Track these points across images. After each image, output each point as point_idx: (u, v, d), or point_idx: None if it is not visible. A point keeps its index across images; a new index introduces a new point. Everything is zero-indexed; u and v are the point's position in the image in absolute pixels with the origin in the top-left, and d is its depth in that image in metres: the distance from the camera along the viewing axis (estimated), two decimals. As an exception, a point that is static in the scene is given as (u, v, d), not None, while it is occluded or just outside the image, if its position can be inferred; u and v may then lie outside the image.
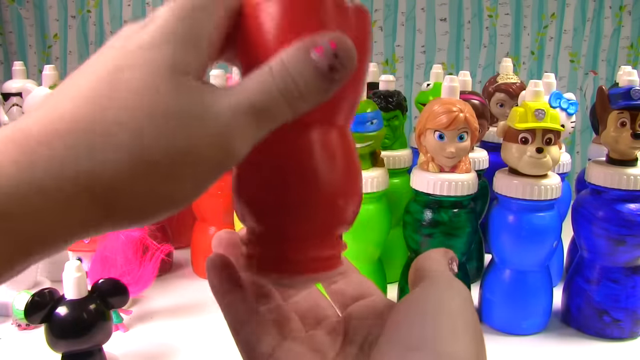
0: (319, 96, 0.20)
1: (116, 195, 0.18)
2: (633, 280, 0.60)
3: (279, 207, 0.23)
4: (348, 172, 0.23)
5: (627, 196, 0.59)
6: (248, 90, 0.20)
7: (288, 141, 0.22)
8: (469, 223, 0.59)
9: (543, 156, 0.56)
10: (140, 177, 0.18)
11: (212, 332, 0.61)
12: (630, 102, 0.58)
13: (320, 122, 0.23)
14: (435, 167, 0.58)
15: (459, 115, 0.56)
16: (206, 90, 0.20)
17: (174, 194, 0.19)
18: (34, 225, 0.18)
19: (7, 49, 1.15)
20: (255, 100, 0.20)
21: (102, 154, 0.18)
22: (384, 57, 1.16)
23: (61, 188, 0.18)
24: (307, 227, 0.23)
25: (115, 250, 0.59)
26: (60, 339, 0.46)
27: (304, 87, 0.20)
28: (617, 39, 1.16)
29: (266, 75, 0.20)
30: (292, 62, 0.20)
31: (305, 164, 0.22)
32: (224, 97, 0.20)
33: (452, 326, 0.21)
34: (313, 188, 0.22)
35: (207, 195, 0.81)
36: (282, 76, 0.20)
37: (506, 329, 0.61)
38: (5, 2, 1.12)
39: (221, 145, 0.19)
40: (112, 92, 0.19)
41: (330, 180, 0.23)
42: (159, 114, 0.18)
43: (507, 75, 0.77)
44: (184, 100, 0.19)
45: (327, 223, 0.23)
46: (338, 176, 0.23)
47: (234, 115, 0.19)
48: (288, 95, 0.20)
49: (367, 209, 0.61)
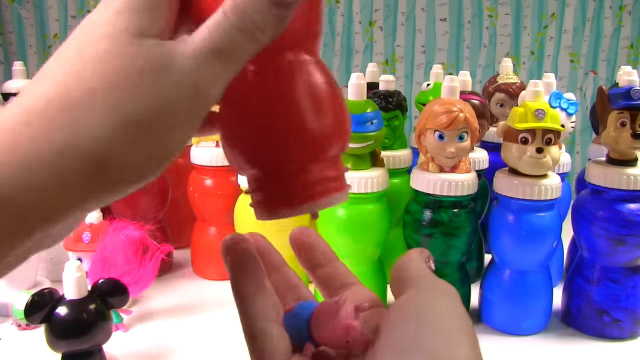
0: (275, 25, 0.21)
1: (106, 160, 0.19)
2: (633, 280, 0.60)
3: (268, 142, 0.23)
4: (329, 93, 0.24)
5: (627, 196, 0.59)
6: (205, 35, 0.21)
7: (262, 75, 0.23)
8: (469, 223, 0.59)
9: (543, 156, 0.56)
10: (126, 138, 0.19)
11: (212, 332, 0.61)
12: (630, 102, 0.58)
13: (287, 50, 0.23)
14: (435, 167, 0.58)
15: (459, 115, 0.56)
16: (166, 45, 0.20)
17: (163, 146, 0.20)
18: (29, 202, 0.18)
19: (7, 49, 1.15)
20: (215, 43, 0.20)
21: (82, 125, 0.19)
22: (384, 57, 1.16)
23: (48, 163, 0.18)
24: (301, 154, 0.23)
25: (115, 250, 0.59)
26: (60, 339, 0.46)
27: (260, 19, 0.21)
28: (617, 39, 1.16)
29: (220, 17, 0.21)
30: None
31: (284, 92, 0.23)
32: (185, 46, 0.20)
33: (447, 327, 0.21)
34: (297, 113, 0.23)
35: (207, 195, 0.81)
36: (235, 14, 0.20)
37: (506, 329, 0.61)
38: (5, 2, 1.12)
39: (193, 92, 0.20)
40: (81, 68, 0.19)
41: (314, 102, 0.23)
42: (126, 76, 0.19)
43: (507, 75, 0.77)
44: (147, 58, 0.20)
45: (319, 144, 0.24)
46: (320, 96, 0.23)
47: (197, 61, 0.20)
48: (246, 30, 0.21)
49: (367, 209, 0.61)
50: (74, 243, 0.62)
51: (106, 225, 0.62)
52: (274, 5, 0.21)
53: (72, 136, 0.19)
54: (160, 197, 0.74)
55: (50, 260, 0.70)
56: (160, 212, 0.75)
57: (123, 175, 0.20)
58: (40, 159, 0.18)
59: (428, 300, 0.23)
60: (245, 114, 0.23)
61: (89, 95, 0.19)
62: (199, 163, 0.70)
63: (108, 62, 0.19)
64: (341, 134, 0.25)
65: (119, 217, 0.67)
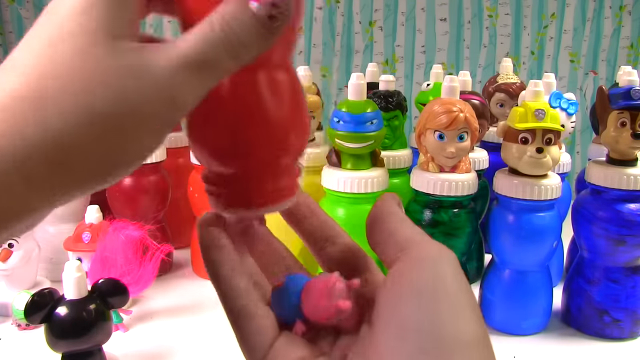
0: (260, 45, 0.21)
1: (70, 157, 0.19)
2: (633, 280, 0.60)
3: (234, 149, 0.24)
4: (294, 105, 0.25)
5: (627, 196, 0.59)
6: (190, 44, 0.20)
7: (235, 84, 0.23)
8: (469, 223, 0.59)
9: (543, 156, 0.56)
10: (92, 138, 0.19)
11: (211, 332, 0.61)
12: (630, 102, 0.58)
13: (264, 65, 0.24)
14: (435, 167, 0.58)
15: (459, 115, 0.56)
16: (145, 49, 0.20)
17: (128, 150, 0.20)
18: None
19: (7, 49, 1.15)
20: (198, 53, 0.20)
21: (51, 122, 0.19)
22: (384, 57, 1.16)
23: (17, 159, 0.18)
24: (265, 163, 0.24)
25: (115, 250, 0.59)
26: (60, 339, 0.46)
27: (246, 38, 0.21)
28: (617, 39, 1.16)
29: (207, 28, 0.20)
30: (231, 13, 0.20)
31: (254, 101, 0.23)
32: (165, 53, 0.20)
33: (451, 303, 0.20)
34: (266, 125, 0.24)
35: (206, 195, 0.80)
36: (222, 28, 0.20)
37: (506, 329, 0.61)
38: (5, 2, 1.12)
39: (167, 100, 0.20)
40: (51, 64, 0.19)
41: (282, 115, 0.24)
42: (100, 76, 0.19)
43: (507, 75, 0.77)
44: (123, 60, 0.20)
45: (283, 154, 0.25)
46: (288, 110, 0.24)
47: (176, 69, 0.20)
48: (230, 46, 0.20)
49: (367, 209, 0.60)
50: (74, 243, 0.62)
51: (106, 225, 0.62)
52: (261, 27, 0.21)
53: (42, 132, 0.19)
54: (160, 197, 0.74)
55: (50, 260, 0.70)
56: (160, 212, 0.75)
57: (89, 173, 0.20)
58: (8, 154, 0.18)
59: (436, 274, 0.21)
60: (214, 119, 0.24)
61: (60, 92, 0.19)
62: (199, 163, 0.70)
63: (83, 60, 0.19)
64: (301, 143, 0.26)
65: (119, 217, 0.67)
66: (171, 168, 0.76)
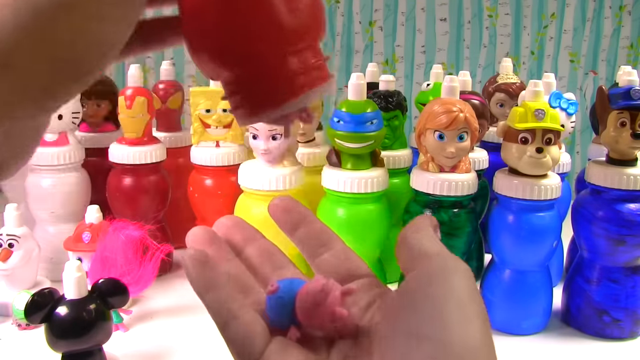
0: None
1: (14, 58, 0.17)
2: (633, 280, 0.60)
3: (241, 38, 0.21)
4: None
5: (627, 196, 0.59)
6: None
7: None
8: (469, 223, 0.59)
9: (543, 156, 0.56)
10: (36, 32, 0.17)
11: (211, 332, 0.60)
12: (630, 102, 0.58)
13: None
14: (435, 167, 0.58)
15: (459, 115, 0.56)
16: None
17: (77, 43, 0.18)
18: None
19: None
20: None
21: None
22: (384, 57, 1.16)
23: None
24: (277, 44, 0.21)
25: (115, 250, 0.59)
26: (60, 339, 0.46)
27: None
28: (617, 39, 1.16)
29: None
30: None
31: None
32: None
33: (461, 313, 0.21)
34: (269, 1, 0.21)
35: (207, 195, 0.81)
36: None
37: (506, 329, 0.61)
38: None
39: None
40: None
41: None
42: None
43: (507, 75, 0.77)
44: None
45: (295, 31, 0.21)
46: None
47: None
48: None
49: (367, 209, 0.61)
50: (74, 243, 0.62)
51: (106, 225, 0.62)
52: None
53: None
54: (160, 197, 0.74)
55: (50, 260, 0.70)
56: (160, 212, 0.75)
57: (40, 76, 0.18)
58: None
59: (448, 283, 0.21)
60: (211, 9, 0.21)
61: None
62: (199, 163, 0.70)
63: None
64: (317, 19, 0.22)
65: (119, 217, 0.67)
66: (171, 168, 0.76)
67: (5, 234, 0.62)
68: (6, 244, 0.62)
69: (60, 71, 0.18)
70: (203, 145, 0.70)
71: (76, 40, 0.18)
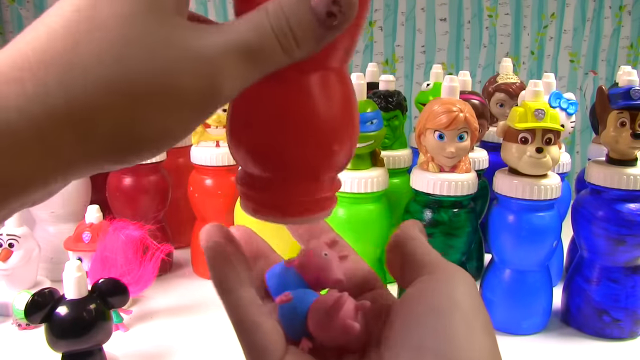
0: (313, 43, 0.20)
1: (94, 128, 0.18)
2: (633, 280, 0.60)
3: (274, 153, 0.22)
4: (345, 116, 0.23)
5: (627, 196, 0.59)
6: (241, 29, 0.19)
7: (284, 84, 0.22)
8: (469, 223, 0.59)
9: (543, 156, 0.56)
10: (121, 110, 0.18)
11: (212, 332, 0.61)
12: (630, 102, 0.58)
13: (317, 66, 0.22)
14: (435, 167, 0.58)
15: (459, 115, 0.56)
16: (192, 26, 0.19)
17: (154, 125, 0.19)
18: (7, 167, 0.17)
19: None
20: (248, 39, 0.19)
21: (78, 87, 0.17)
22: (384, 57, 1.16)
23: (35, 124, 0.17)
24: (304, 171, 0.23)
25: (115, 250, 0.59)
26: (60, 338, 0.46)
27: (300, 32, 0.19)
28: (617, 39, 1.16)
29: (261, 16, 0.19)
30: (289, 4, 0.19)
31: (305, 108, 0.22)
32: (212, 35, 0.19)
33: (467, 326, 0.21)
34: (311, 133, 0.22)
35: (207, 195, 0.81)
36: (277, 18, 0.19)
37: (506, 329, 0.61)
38: (5, 2, 1.12)
39: (207, 83, 0.19)
40: (87, 26, 0.18)
41: (329, 124, 0.22)
42: (139, 45, 0.18)
43: (507, 75, 0.77)
44: (166, 33, 0.18)
45: (325, 166, 0.23)
46: (337, 120, 0.23)
47: (222, 52, 0.19)
48: (282, 38, 0.19)
49: (367, 209, 0.61)
50: (74, 243, 0.62)
51: (106, 225, 0.62)
52: (318, 24, 0.19)
53: (63, 98, 0.17)
54: (160, 197, 0.74)
55: (51, 260, 0.70)
56: (160, 212, 0.75)
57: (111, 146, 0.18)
58: (24, 117, 0.17)
59: (453, 295, 0.21)
60: (256, 116, 0.22)
61: (96, 58, 0.17)
62: (199, 163, 0.70)
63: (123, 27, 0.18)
64: (348, 161, 0.24)
65: (119, 217, 0.67)
66: (171, 168, 0.76)
67: (5, 234, 0.62)
68: (6, 244, 0.62)
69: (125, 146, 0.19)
70: (203, 145, 0.70)
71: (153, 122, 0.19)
